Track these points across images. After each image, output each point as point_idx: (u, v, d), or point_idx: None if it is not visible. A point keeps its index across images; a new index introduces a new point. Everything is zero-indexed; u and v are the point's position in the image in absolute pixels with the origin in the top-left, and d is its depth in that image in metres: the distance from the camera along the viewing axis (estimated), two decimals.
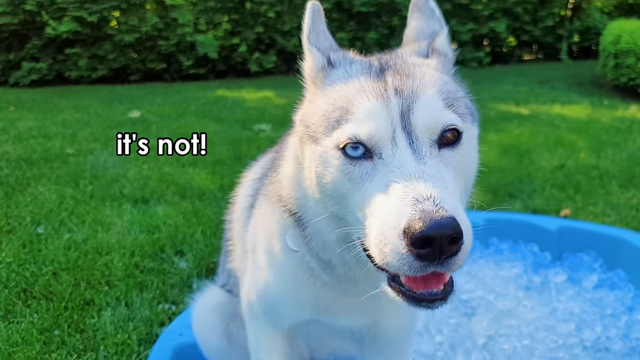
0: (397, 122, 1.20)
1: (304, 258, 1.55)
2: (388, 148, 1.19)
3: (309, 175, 1.34)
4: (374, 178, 1.18)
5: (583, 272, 3.19)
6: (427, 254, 1.05)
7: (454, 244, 1.06)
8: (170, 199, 4.80)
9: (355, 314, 1.67)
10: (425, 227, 1.02)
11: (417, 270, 1.09)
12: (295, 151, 1.45)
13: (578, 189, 4.87)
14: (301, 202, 1.43)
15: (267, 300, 1.72)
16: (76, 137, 7.22)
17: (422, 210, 1.05)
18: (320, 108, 1.32)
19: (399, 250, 1.07)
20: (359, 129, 1.20)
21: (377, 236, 1.12)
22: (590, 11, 15.07)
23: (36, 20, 12.56)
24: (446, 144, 1.24)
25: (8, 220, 4.22)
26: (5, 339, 2.74)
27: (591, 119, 7.98)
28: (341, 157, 1.23)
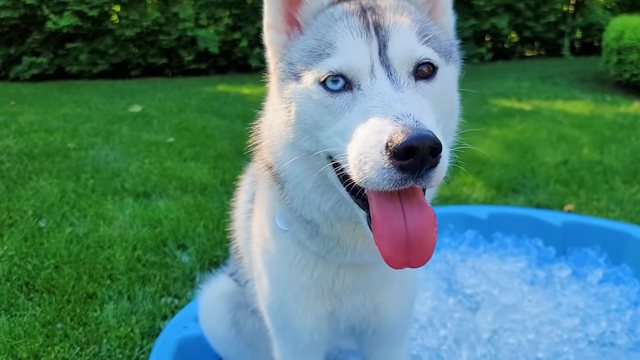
0: (376, 57, 1.26)
1: (294, 236, 1.57)
2: (367, 80, 1.25)
3: (287, 115, 1.37)
4: (354, 108, 1.24)
5: (588, 267, 3.17)
6: (409, 164, 1.08)
7: (434, 156, 1.09)
8: (172, 193, 4.78)
9: (357, 295, 1.66)
10: (408, 137, 1.06)
11: (397, 184, 1.11)
12: (272, 98, 1.49)
13: (582, 184, 4.85)
14: (276, 149, 1.45)
15: (275, 304, 1.70)
16: (77, 132, 7.21)
17: (403, 124, 1.09)
18: (308, 44, 1.37)
19: (380, 165, 1.10)
20: (340, 61, 1.26)
21: (357, 156, 1.15)
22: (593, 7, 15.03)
23: (37, 15, 12.54)
24: (422, 77, 1.30)
25: (10, 214, 4.21)
26: (8, 332, 2.73)
27: (594, 115, 7.96)
28: (322, 90, 1.28)
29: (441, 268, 3.25)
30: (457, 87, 1.49)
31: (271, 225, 1.63)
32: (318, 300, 1.64)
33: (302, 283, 1.62)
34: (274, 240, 1.64)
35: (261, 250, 1.70)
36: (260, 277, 1.73)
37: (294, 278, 1.63)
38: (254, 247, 1.75)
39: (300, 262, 1.60)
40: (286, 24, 1.46)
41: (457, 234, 3.54)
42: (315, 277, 1.60)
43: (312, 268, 1.60)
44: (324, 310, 1.66)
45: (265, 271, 1.69)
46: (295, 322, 1.66)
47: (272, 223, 1.61)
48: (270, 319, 1.76)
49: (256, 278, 1.78)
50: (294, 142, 1.36)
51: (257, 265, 1.74)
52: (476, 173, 5.17)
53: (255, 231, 1.74)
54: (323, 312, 1.66)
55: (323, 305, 1.65)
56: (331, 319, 1.69)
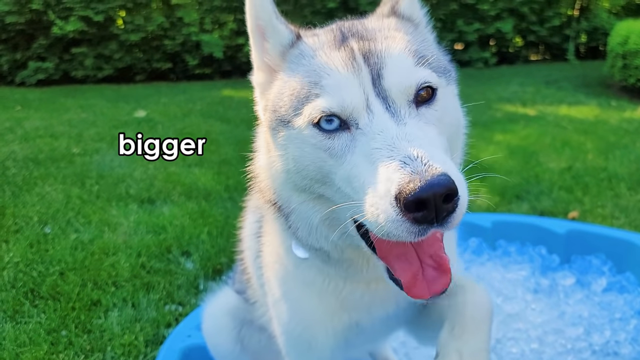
0: (370, 89, 1.17)
1: (313, 263, 1.53)
2: (364, 117, 1.15)
3: (285, 162, 1.29)
4: (355, 149, 1.15)
5: (592, 275, 3.16)
6: (423, 216, 1.01)
7: (449, 202, 1.02)
8: (176, 200, 4.80)
9: (388, 306, 1.60)
10: (417, 189, 0.98)
11: (416, 235, 1.04)
12: (266, 141, 1.40)
13: (586, 191, 4.84)
14: (279, 191, 1.37)
15: (297, 330, 1.64)
16: (82, 137, 7.25)
17: (411, 172, 1.00)
18: (288, 87, 1.27)
19: (393, 218, 1.03)
20: (331, 101, 1.17)
21: (370, 208, 1.08)
22: (598, 11, 14.99)
23: (42, 20, 12.62)
24: (423, 102, 1.21)
25: (15, 220, 4.24)
26: (13, 339, 2.75)
27: (599, 120, 7.93)
28: (317, 133, 1.19)
29: None
30: (459, 103, 1.44)
31: (290, 255, 1.57)
32: (337, 316, 1.59)
33: (329, 304, 1.57)
34: (298, 270, 1.58)
35: (279, 279, 1.64)
36: (277, 304, 1.66)
37: (320, 302, 1.57)
38: (268, 274, 1.70)
39: (328, 288, 1.54)
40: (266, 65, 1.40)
41: (461, 242, 3.53)
42: (344, 296, 1.55)
43: (340, 289, 1.54)
44: (343, 325, 1.61)
45: (285, 299, 1.63)
46: (319, 343, 1.61)
47: (291, 253, 1.55)
48: (289, 343, 1.70)
49: (271, 304, 1.71)
50: (303, 187, 1.29)
51: (272, 292, 1.68)
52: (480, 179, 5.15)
53: (268, 258, 1.68)
54: (342, 327, 1.61)
55: (341, 320, 1.59)
56: (353, 331, 1.64)
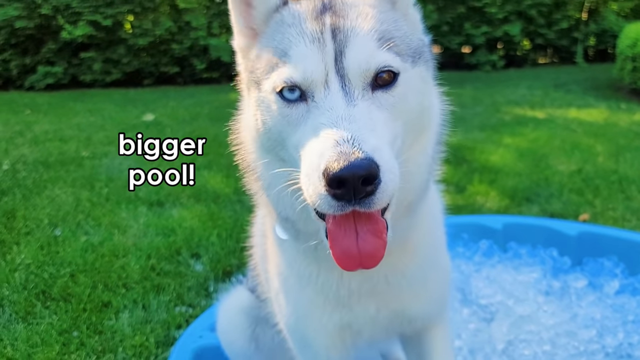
0: (331, 66, 1.21)
1: (291, 244, 1.56)
2: (320, 91, 1.21)
3: (255, 121, 1.36)
4: (307, 121, 1.21)
5: (604, 278, 3.14)
6: (341, 194, 1.08)
7: (368, 184, 1.08)
8: (185, 202, 4.82)
9: (368, 301, 1.59)
10: (339, 168, 1.05)
11: (337, 209, 1.12)
12: (245, 99, 1.48)
13: (597, 193, 4.81)
14: (253, 150, 1.44)
15: (291, 321, 1.68)
16: (91, 140, 7.29)
17: (340, 152, 1.07)
18: (265, 51, 1.34)
19: (319, 191, 1.11)
20: (294, 72, 1.22)
21: (304, 177, 1.15)
22: (606, 14, 14.92)
23: (52, 25, 12.73)
24: (382, 85, 1.24)
25: (26, 223, 4.26)
26: (26, 339, 2.76)
27: (608, 123, 7.89)
28: (279, 100, 1.26)
29: (455, 278, 3.23)
30: (432, 88, 1.44)
31: (276, 240, 1.61)
32: (326, 314, 1.60)
33: (310, 294, 1.59)
34: (281, 253, 1.63)
35: (275, 267, 1.69)
36: (277, 295, 1.71)
37: (302, 290, 1.61)
38: (270, 266, 1.74)
39: (305, 272, 1.58)
40: (249, 29, 1.44)
41: (472, 244, 3.52)
42: (320, 285, 1.57)
43: (316, 276, 1.57)
44: (333, 325, 1.62)
45: (281, 288, 1.68)
46: (311, 339, 1.64)
47: (275, 236, 1.59)
48: (290, 338, 1.74)
49: (274, 297, 1.76)
50: (267, 147, 1.37)
51: (274, 284, 1.72)
52: (490, 182, 5.14)
53: (270, 248, 1.73)
54: (333, 327, 1.62)
55: (332, 319, 1.61)
56: (347, 333, 1.64)
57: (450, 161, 5.95)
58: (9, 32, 12.61)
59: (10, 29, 12.56)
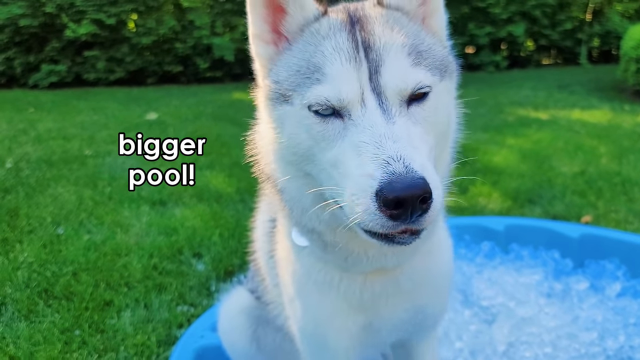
0: (366, 84, 1.21)
1: (312, 251, 1.55)
2: (357, 109, 1.21)
3: (279, 135, 1.33)
4: (345, 138, 1.21)
5: (605, 280, 3.13)
6: (398, 214, 1.09)
7: (424, 203, 1.09)
8: (187, 202, 4.82)
9: (395, 301, 1.61)
10: (397, 189, 1.06)
11: (389, 229, 1.12)
12: (262, 111, 1.45)
13: (599, 195, 4.80)
14: (273, 163, 1.41)
15: (309, 327, 1.67)
16: (94, 139, 7.31)
17: (393, 172, 1.08)
18: (296, 63, 1.30)
19: (371, 211, 1.10)
20: (330, 92, 1.21)
21: (350, 197, 1.14)
22: (610, 15, 14.88)
23: (56, 23, 12.76)
24: (414, 100, 1.26)
25: (29, 221, 4.28)
26: (28, 338, 2.77)
27: (612, 124, 7.87)
28: (312, 116, 1.24)
29: (457, 279, 3.23)
30: (454, 98, 1.45)
31: (293, 247, 1.60)
32: (350, 317, 1.60)
33: (332, 300, 1.58)
34: (298, 260, 1.61)
35: (290, 274, 1.66)
36: (292, 301, 1.69)
37: (323, 296, 1.59)
38: (282, 271, 1.72)
39: (325, 279, 1.56)
40: (273, 34, 1.39)
41: (473, 245, 3.52)
42: (343, 291, 1.56)
43: (337, 283, 1.56)
44: (358, 326, 1.62)
45: (297, 295, 1.65)
46: (330, 343, 1.63)
47: (292, 243, 1.58)
48: (304, 342, 1.72)
49: (287, 303, 1.73)
50: (292, 162, 1.33)
51: (288, 290, 1.70)
52: (492, 183, 5.14)
53: (282, 254, 1.71)
54: (357, 328, 1.62)
55: (356, 322, 1.61)
56: (369, 332, 1.65)
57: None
58: (13, 30, 12.65)
59: (15, 27, 12.59)
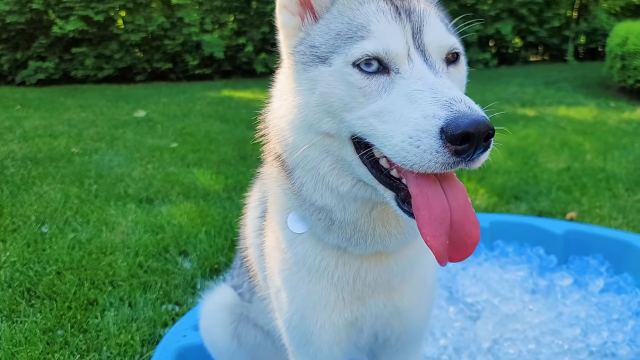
0: (411, 41, 1.29)
1: (311, 237, 1.55)
2: (405, 63, 1.26)
3: (309, 97, 1.35)
4: (393, 90, 1.25)
5: (589, 276, 3.16)
6: (463, 149, 1.11)
7: (486, 140, 1.13)
8: (174, 199, 4.80)
9: (378, 296, 1.62)
10: (463, 125, 1.09)
11: (448, 167, 1.14)
12: (286, 83, 1.47)
13: (584, 191, 4.84)
14: (289, 137, 1.43)
15: (295, 318, 1.65)
16: (82, 136, 7.25)
17: (458, 110, 1.12)
18: (335, 27, 1.36)
19: (434, 149, 1.12)
20: (377, 45, 1.27)
21: (407, 139, 1.16)
22: (597, 12, 14.99)
23: (43, 19, 12.63)
24: (450, 62, 1.36)
25: (13, 219, 4.23)
26: (9, 338, 2.74)
27: (597, 121, 7.93)
28: (357, 72, 1.28)
29: (442, 276, 3.24)
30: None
31: (286, 235, 1.60)
32: (337, 310, 1.60)
33: (322, 289, 1.58)
34: (291, 249, 1.61)
35: (278, 264, 1.66)
36: (278, 292, 1.69)
37: (313, 285, 1.59)
38: (270, 263, 1.71)
39: (320, 266, 1.57)
40: (300, 7, 1.45)
41: None
42: (336, 279, 1.57)
43: (332, 270, 1.56)
44: (344, 321, 1.62)
45: (284, 285, 1.65)
46: (315, 336, 1.62)
47: (286, 231, 1.58)
48: (289, 335, 1.71)
49: (274, 295, 1.73)
50: (312, 124, 1.36)
51: (274, 281, 1.70)
52: (478, 180, 5.16)
53: (270, 245, 1.71)
54: (342, 323, 1.62)
55: (342, 316, 1.61)
56: (352, 329, 1.65)
57: None
58: None
59: (1, 24, 12.46)
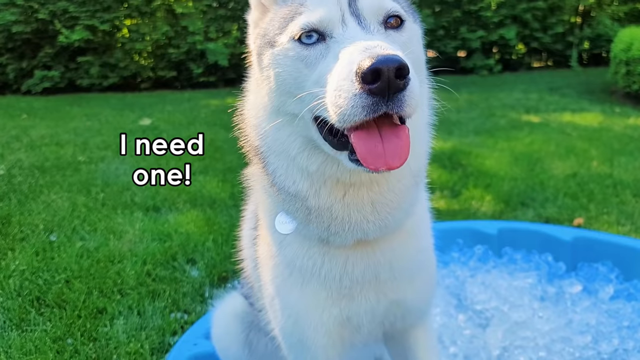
0: (346, 7, 1.32)
1: (297, 237, 1.57)
2: (339, 28, 1.30)
3: (268, 83, 1.40)
4: (327, 55, 1.28)
5: (599, 283, 3.15)
6: (377, 88, 1.12)
7: (400, 79, 1.13)
8: (181, 207, 4.81)
9: (369, 291, 1.61)
10: (374, 61, 1.10)
11: (369, 110, 1.14)
12: (254, 75, 1.53)
13: (591, 197, 4.83)
14: (261, 124, 1.46)
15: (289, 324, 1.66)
16: (88, 145, 7.28)
17: (371, 52, 1.13)
18: (279, 14, 1.42)
19: (352, 93, 1.14)
20: (311, 16, 1.31)
21: (333, 92, 1.18)
22: (601, 18, 14.99)
23: (49, 29, 12.71)
24: (391, 28, 1.37)
25: (21, 228, 4.25)
26: (19, 347, 2.75)
27: (603, 127, 7.92)
28: (297, 45, 1.32)
29: (450, 283, 3.24)
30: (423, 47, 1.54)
31: (275, 239, 1.62)
32: (326, 309, 1.60)
33: (312, 289, 1.59)
34: (280, 252, 1.62)
35: (271, 271, 1.67)
36: (273, 300, 1.70)
37: (304, 286, 1.60)
38: (263, 272, 1.73)
39: (307, 265, 1.58)
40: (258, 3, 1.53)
41: (467, 249, 3.53)
42: (324, 277, 1.57)
43: (319, 267, 1.57)
44: (334, 320, 1.62)
45: (277, 292, 1.67)
46: (309, 340, 1.63)
47: (275, 234, 1.60)
48: (286, 343, 1.72)
49: (269, 304, 1.75)
50: (279, 107, 1.39)
51: (268, 290, 1.71)
52: (485, 186, 5.16)
53: (263, 254, 1.72)
54: (333, 323, 1.62)
55: (331, 316, 1.61)
56: (346, 329, 1.65)
57: (445, 165, 5.96)
58: (5, 36, 12.59)
59: (7, 34, 12.54)
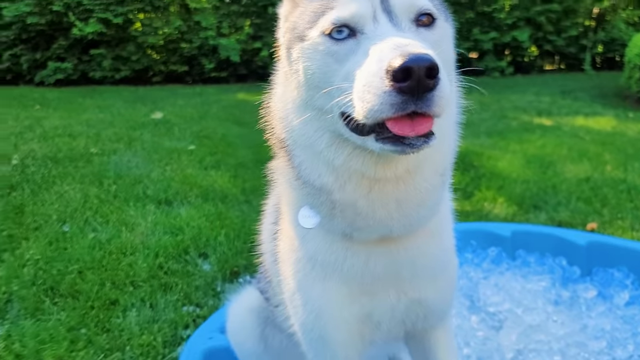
0: (377, 4, 1.30)
1: (321, 231, 1.55)
2: (370, 24, 1.28)
3: (297, 77, 1.39)
4: (358, 51, 1.26)
5: (614, 288, 3.12)
6: (407, 86, 1.11)
7: (431, 78, 1.11)
8: (193, 201, 4.82)
9: (390, 289, 1.60)
10: (405, 60, 1.09)
11: (398, 108, 1.13)
12: (282, 69, 1.52)
13: (605, 202, 4.79)
14: (289, 118, 1.45)
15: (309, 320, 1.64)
16: (100, 137, 7.32)
17: (402, 50, 1.12)
18: (309, 8, 1.40)
19: (381, 90, 1.13)
20: (342, 12, 1.30)
21: (362, 88, 1.17)
22: (615, 22, 14.88)
23: (63, 21, 12.79)
24: (422, 26, 1.34)
25: (35, 218, 4.28)
26: (34, 336, 2.77)
27: (616, 131, 7.86)
28: (327, 40, 1.31)
29: (464, 285, 3.22)
30: (454, 47, 1.52)
31: (298, 233, 1.61)
32: (347, 305, 1.60)
33: (334, 285, 1.58)
34: (303, 247, 1.61)
35: (292, 266, 1.66)
36: (293, 295, 1.69)
37: (326, 282, 1.58)
38: (284, 267, 1.71)
39: (330, 260, 1.56)
40: None
41: (480, 251, 3.51)
42: (346, 272, 1.56)
43: (341, 262, 1.55)
44: (354, 317, 1.61)
45: (298, 287, 1.65)
46: (329, 336, 1.62)
47: (298, 228, 1.58)
48: (306, 339, 1.71)
49: (288, 299, 1.73)
50: (307, 101, 1.38)
51: (288, 285, 1.70)
52: (497, 188, 5.13)
53: (284, 248, 1.71)
54: (354, 319, 1.61)
55: (352, 312, 1.60)
56: (366, 326, 1.64)
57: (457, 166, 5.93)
58: (20, 27, 12.68)
59: (22, 25, 12.63)
